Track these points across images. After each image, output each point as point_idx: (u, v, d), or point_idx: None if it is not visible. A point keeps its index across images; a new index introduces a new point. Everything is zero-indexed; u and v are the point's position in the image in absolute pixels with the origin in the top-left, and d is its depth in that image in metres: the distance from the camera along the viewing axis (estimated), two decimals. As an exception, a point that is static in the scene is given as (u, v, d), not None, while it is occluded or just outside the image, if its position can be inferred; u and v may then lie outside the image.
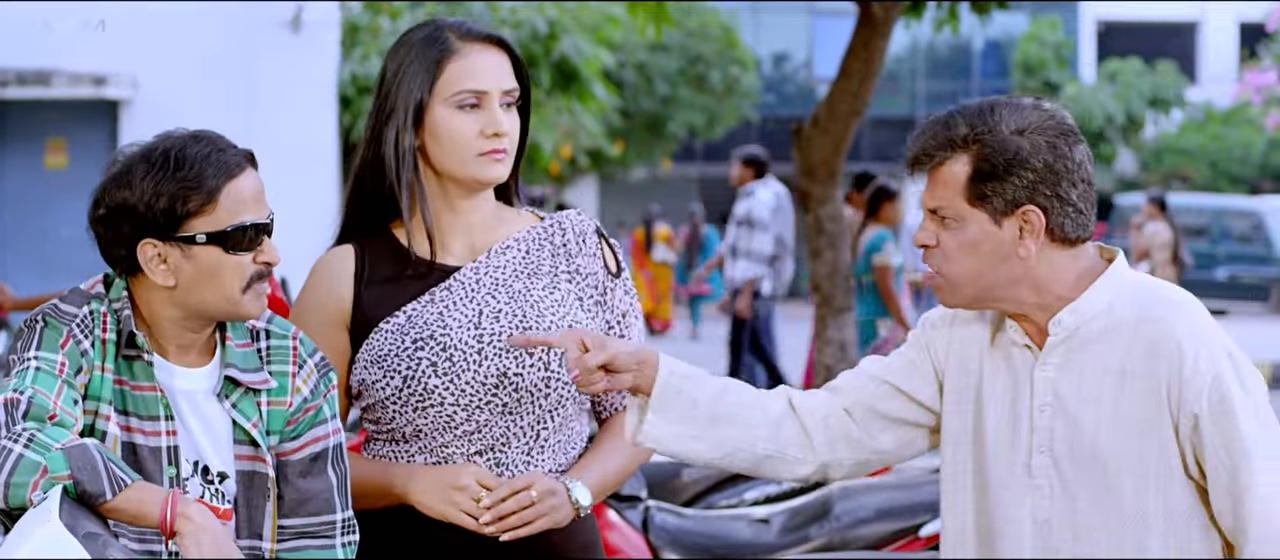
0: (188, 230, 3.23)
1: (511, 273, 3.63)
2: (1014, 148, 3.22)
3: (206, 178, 3.23)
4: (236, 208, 3.24)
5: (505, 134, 3.59)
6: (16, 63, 17.71)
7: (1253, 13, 37.34)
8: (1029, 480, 3.31)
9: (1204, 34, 44.77)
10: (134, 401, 3.26)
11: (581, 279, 3.66)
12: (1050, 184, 3.23)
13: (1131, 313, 3.26)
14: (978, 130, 3.25)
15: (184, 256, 3.24)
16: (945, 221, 3.28)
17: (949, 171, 3.27)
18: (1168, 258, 18.70)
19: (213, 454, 3.30)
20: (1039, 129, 3.24)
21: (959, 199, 3.26)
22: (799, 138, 9.79)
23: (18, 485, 3.00)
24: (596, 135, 30.08)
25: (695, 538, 6.12)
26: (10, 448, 3.02)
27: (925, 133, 3.31)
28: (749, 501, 6.90)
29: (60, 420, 3.10)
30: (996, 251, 3.25)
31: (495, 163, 3.59)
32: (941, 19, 10.49)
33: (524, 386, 3.57)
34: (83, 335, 3.22)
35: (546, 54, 21.22)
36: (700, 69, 35.04)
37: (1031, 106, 3.28)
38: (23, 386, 3.11)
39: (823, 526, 6.10)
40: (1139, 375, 3.24)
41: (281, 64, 17.74)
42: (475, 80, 3.58)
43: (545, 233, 3.68)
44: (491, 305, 3.59)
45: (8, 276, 16.36)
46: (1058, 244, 3.27)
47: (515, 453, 3.60)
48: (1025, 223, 3.24)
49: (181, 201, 3.21)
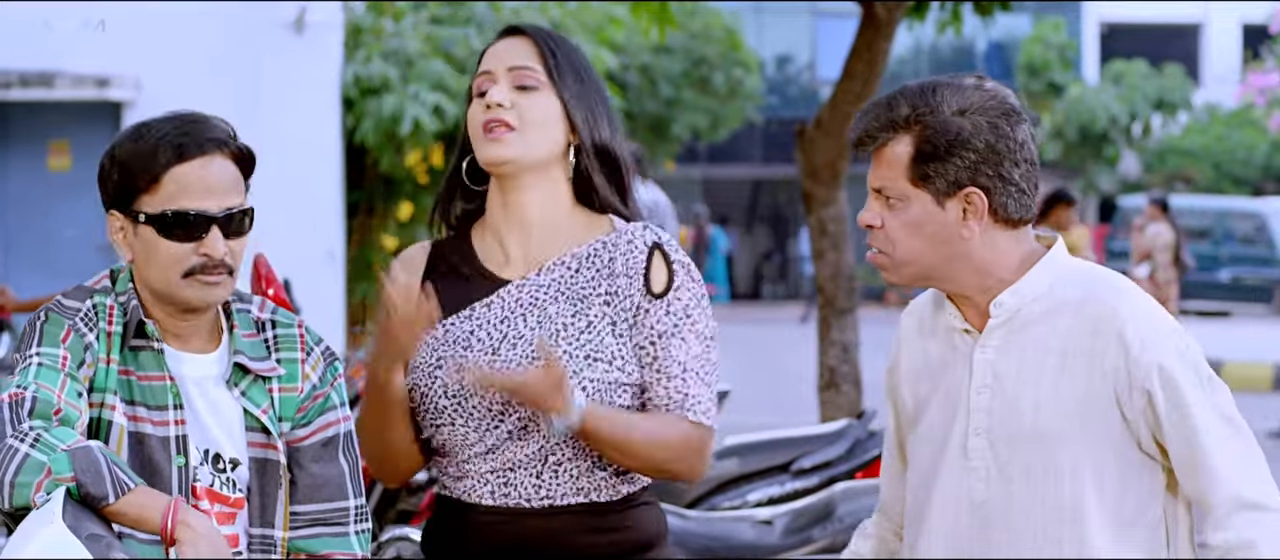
0: (137, 206, 3.25)
1: (553, 293, 3.52)
2: (955, 128, 3.23)
3: (155, 157, 3.23)
4: (177, 193, 3.23)
5: (501, 106, 3.50)
6: (19, 64, 17.72)
7: (1256, 14, 37.32)
8: (965, 462, 3.31)
9: (1207, 36, 44.75)
10: (141, 391, 3.25)
11: (618, 301, 3.51)
12: (992, 165, 3.23)
13: (1075, 294, 3.27)
14: (919, 111, 3.26)
15: (135, 232, 3.27)
16: (889, 202, 3.29)
17: (892, 152, 3.28)
18: (1169, 259, 18.71)
19: (225, 441, 3.29)
20: (980, 109, 3.25)
21: (902, 179, 3.27)
22: (802, 139, 9.78)
23: (22, 486, 3.00)
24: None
25: (699, 539, 6.11)
26: (16, 447, 3.02)
27: (869, 113, 3.32)
28: (752, 503, 6.90)
29: (65, 415, 3.10)
30: (939, 232, 3.26)
31: (491, 141, 3.50)
32: (944, 20, 10.48)
33: (527, 416, 3.48)
34: (87, 328, 3.22)
35: (549, 55, 21.22)
36: (704, 71, 35.04)
37: (973, 86, 3.29)
38: (26, 382, 3.12)
39: (826, 528, 6.10)
40: (1080, 354, 3.24)
41: (284, 65, 17.73)
42: (485, 63, 3.57)
43: (601, 248, 3.54)
44: (517, 330, 3.50)
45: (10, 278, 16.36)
46: (1001, 225, 3.27)
47: (524, 475, 3.50)
48: (968, 204, 3.25)
49: (131, 176, 3.24)
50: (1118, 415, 3.23)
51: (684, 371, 3.52)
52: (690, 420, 3.52)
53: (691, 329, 3.53)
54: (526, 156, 3.52)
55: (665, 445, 3.50)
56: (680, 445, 3.52)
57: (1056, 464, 3.25)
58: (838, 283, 9.76)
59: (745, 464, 7.07)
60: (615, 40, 23.65)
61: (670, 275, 3.52)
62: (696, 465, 3.56)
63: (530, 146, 3.52)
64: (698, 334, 3.54)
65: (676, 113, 35.40)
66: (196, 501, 3.25)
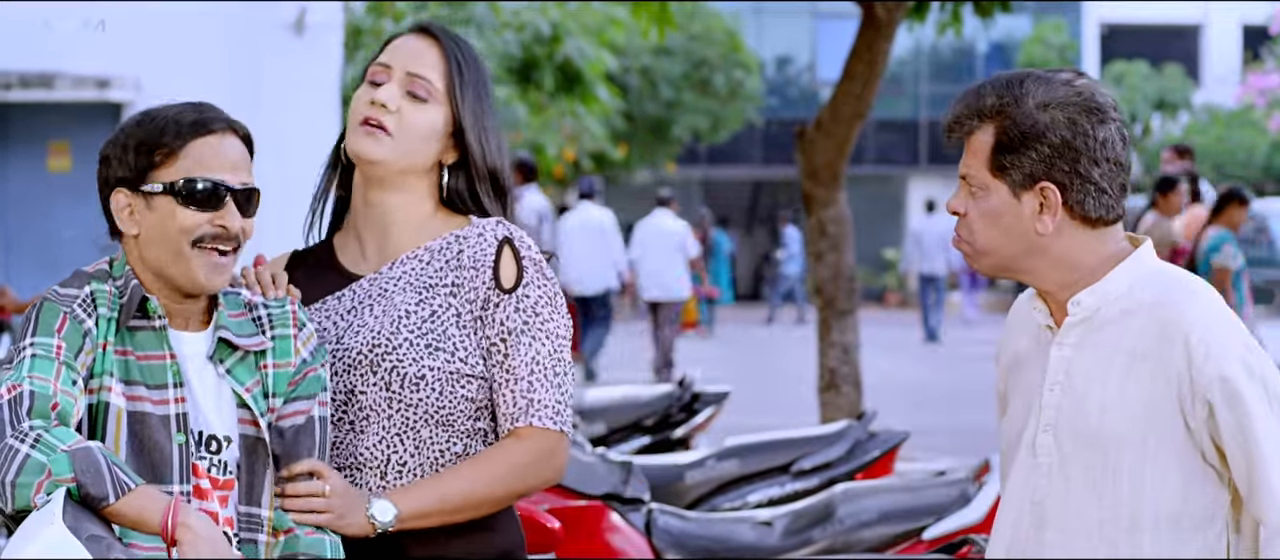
0: (151, 181, 3.27)
1: (403, 285, 3.51)
2: (1033, 121, 3.22)
3: (172, 131, 3.28)
4: (195, 165, 3.27)
5: (386, 107, 3.47)
6: (19, 65, 17.72)
7: (1256, 15, 37.32)
8: (1033, 459, 3.31)
9: (1207, 36, 44.76)
10: (140, 371, 3.26)
11: (463, 292, 3.48)
12: (1068, 161, 3.22)
13: (1149, 296, 3.24)
14: (1004, 101, 3.25)
15: (146, 207, 3.28)
16: (973, 190, 3.29)
17: (977, 140, 3.28)
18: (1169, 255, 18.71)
19: (217, 421, 3.29)
20: (1062, 104, 3.23)
21: (984, 169, 3.27)
22: (802, 140, 9.78)
23: (22, 487, 3.00)
24: (600, 138, 30.08)
25: (699, 540, 6.11)
26: (17, 448, 3.02)
27: (961, 101, 3.33)
28: (752, 504, 6.90)
29: (62, 410, 3.10)
30: (1016, 225, 3.25)
31: (366, 135, 3.49)
32: (945, 21, 10.49)
33: (367, 405, 3.45)
34: (85, 314, 3.23)
35: (549, 56, 21.22)
36: (704, 73, 35.05)
37: (1062, 82, 3.27)
38: (20, 377, 3.12)
39: (826, 529, 6.10)
40: (1149, 358, 3.21)
41: (285, 66, 17.74)
42: (386, 55, 3.55)
43: (453, 241, 3.53)
44: (362, 319, 3.50)
45: (11, 279, 16.35)
46: (1080, 223, 3.25)
47: (368, 475, 3.47)
48: (1043, 198, 3.23)
49: (147, 151, 3.27)
50: (1181, 423, 3.20)
51: (531, 374, 3.48)
52: (535, 426, 3.49)
53: (541, 328, 3.50)
54: (396, 163, 3.51)
55: (511, 476, 3.47)
56: (528, 467, 3.49)
57: (1117, 466, 3.22)
58: (838, 284, 9.76)
59: (745, 465, 7.07)
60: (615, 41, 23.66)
61: (519, 271, 3.50)
62: (550, 473, 3.53)
63: (402, 155, 3.51)
64: (548, 333, 3.50)
65: (677, 115, 35.40)
66: (197, 480, 3.25)
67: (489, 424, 3.54)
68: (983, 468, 6.31)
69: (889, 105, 42.96)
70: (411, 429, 3.47)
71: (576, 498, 6.22)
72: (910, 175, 43.89)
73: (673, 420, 8.37)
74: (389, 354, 3.45)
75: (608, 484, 6.26)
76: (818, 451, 7.06)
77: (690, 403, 8.39)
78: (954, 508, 6.14)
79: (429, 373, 3.44)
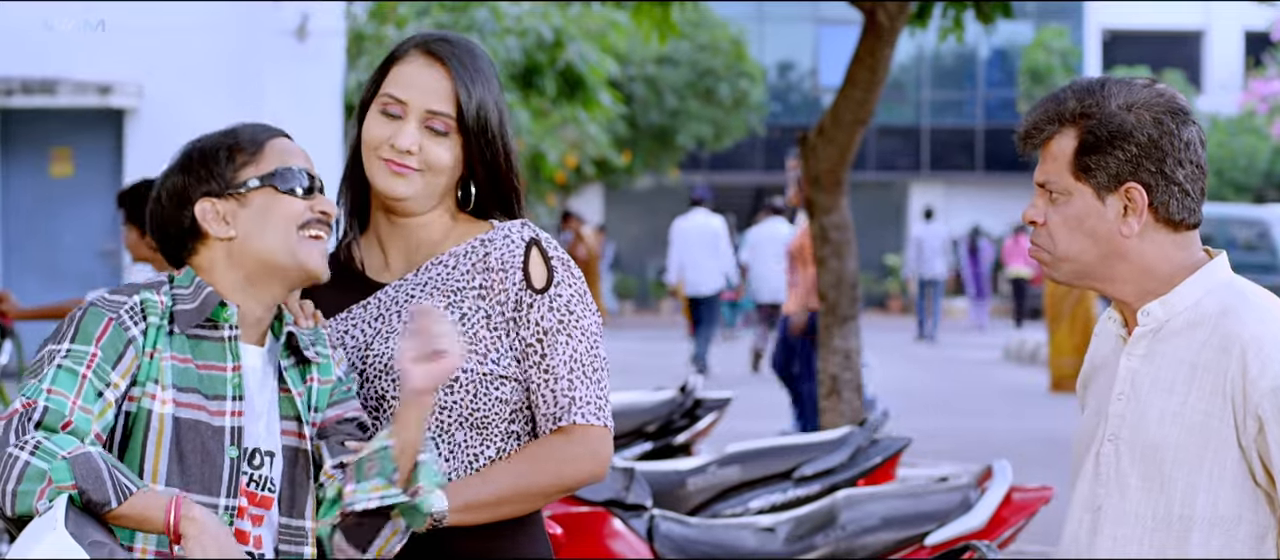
0: (239, 179, 3.32)
1: (429, 290, 3.53)
2: (1119, 121, 3.21)
3: (249, 135, 3.36)
4: (283, 157, 3.35)
5: (410, 152, 3.49)
6: (21, 71, 17.73)
7: (1257, 21, 37.32)
8: (1096, 468, 3.30)
9: (1209, 42, 44.77)
10: (200, 380, 3.25)
11: (492, 295, 3.49)
12: (1155, 161, 3.21)
13: (1215, 307, 3.23)
14: (1086, 104, 3.24)
15: (239, 204, 3.31)
16: (1053, 197, 3.27)
17: (1057, 146, 3.26)
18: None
19: (264, 435, 3.30)
20: (1146, 105, 3.23)
21: (1065, 173, 3.25)
22: (804, 146, 9.78)
23: (23, 493, 3.00)
24: (602, 145, 30.10)
25: (701, 546, 6.11)
26: (16, 456, 3.02)
27: (1037, 109, 3.30)
28: (755, 510, 6.89)
29: (75, 427, 3.09)
30: (1099, 228, 3.24)
31: (394, 176, 3.50)
32: (947, 27, 10.49)
33: None
34: (132, 322, 3.22)
35: (551, 62, 21.22)
36: (709, 83, 35.10)
37: (1142, 85, 3.27)
38: (38, 392, 3.11)
39: (828, 535, 6.09)
40: (1209, 370, 3.20)
41: (287, 72, 17.75)
42: (401, 88, 3.52)
43: (478, 245, 3.54)
44: (391, 325, 3.51)
45: (13, 285, 16.36)
46: (1163, 225, 3.24)
47: None
48: (1128, 200, 3.22)
49: (229, 154, 3.32)
50: (1235, 439, 3.18)
51: (570, 372, 3.50)
52: (578, 423, 3.51)
53: (576, 326, 3.51)
54: (424, 196, 3.54)
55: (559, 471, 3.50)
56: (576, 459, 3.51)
57: (1171, 477, 3.21)
58: (841, 290, 9.75)
59: (747, 471, 7.06)
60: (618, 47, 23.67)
61: (549, 271, 3.51)
62: (596, 468, 3.54)
63: (429, 188, 3.53)
64: (583, 331, 3.52)
65: (681, 123, 35.44)
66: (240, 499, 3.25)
67: (523, 426, 3.55)
68: (985, 473, 6.31)
69: (891, 111, 42.99)
70: (445, 432, 3.48)
71: (578, 504, 6.22)
72: (912, 181, 43.90)
73: (675, 426, 8.37)
74: None
75: (610, 490, 6.26)
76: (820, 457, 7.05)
77: (692, 408, 8.39)
78: (956, 514, 6.13)
79: (462, 375, 3.45)
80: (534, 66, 21.23)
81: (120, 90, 17.82)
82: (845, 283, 9.77)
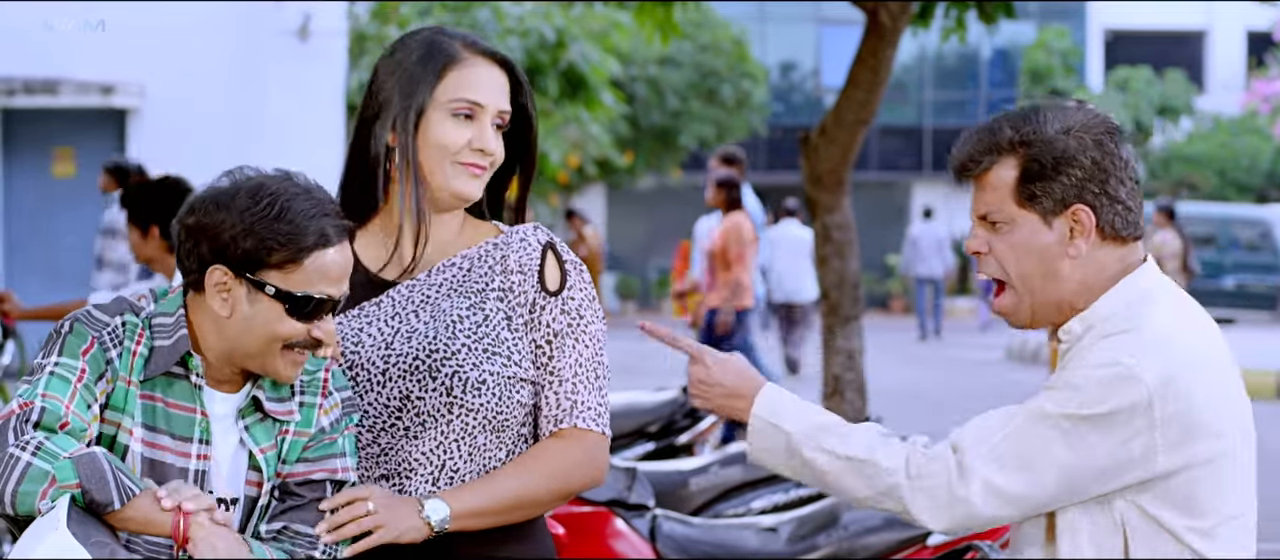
0: (261, 277, 3.22)
1: (446, 290, 3.54)
2: (1061, 147, 3.23)
3: (301, 239, 3.21)
4: (315, 278, 3.23)
5: (490, 152, 3.53)
6: (23, 71, 17.74)
7: (1260, 21, 37.33)
8: None
9: (1211, 42, 44.77)
10: (166, 418, 3.23)
11: (511, 297, 3.52)
12: (1098, 182, 3.24)
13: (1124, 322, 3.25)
14: (1023, 133, 3.26)
15: (247, 297, 3.23)
16: (996, 226, 3.30)
17: (996, 176, 3.28)
18: (1178, 266, 18.73)
19: (227, 483, 3.28)
20: (1084, 127, 3.25)
21: (1008, 202, 3.27)
22: (806, 147, 9.78)
23: (25, 493, 3.00)
24: (604, 145, 30.11)
25: (703, 547, 6.11)
26: (17, 456, 3.02)
27: (970, 140, 3.32)
28: (757, 510, 6.89)
29: (72, 428, 3.09)
30: (1047, 251, 3.27)
31: (472, 177, 3.53)
32: (949, 28, 10.49)
33: (425, 411, 3.46)
34: (112, 344, 3.20)
35: (554, 62, 21.23)
36: (712, 84, 35.11)
37: (1075, 107, 3.30)
38: (33, 395, 3.11)
39: (831, 535, 6.09)
40: None
41: (289, 73, 17.76)
42: (475, 91, 3.54)
43: (493, 248, 3.56)
44: (411, 324, 3.51)
45: (15, 285, 16.37)
46: (1109, 242, 3.27)
47: (419, 480, 3.48)
48: (1075, 222, 3.25)
49: (268, 251, 3.20)
50: None
51: (574, 376, 3.52)
52: (578, 427, 3.53)
53: (584, 331, 3.55)
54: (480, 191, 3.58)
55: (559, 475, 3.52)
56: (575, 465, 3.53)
57: None
58: (843, 290, 9.75)
59: (750, 471, 7.06)
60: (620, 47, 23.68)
61: (563, 274, 3.55)
62: (594, 474, 3.56)
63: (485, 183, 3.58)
64: (590, 336, 3.55)
65: (683, 123, 35.45)
66: None
67: (531, 429, 3.57)
68: (987, 474, 6.30)
69: (893, 111, 42.98)
70: (468, 435, 3.48)
71: (580, 504, 6.22)
72: (914, 181, 43.90)
73: (677, 426, 8.37)
74: (449, 359, 3.45)
75: (612, 490, 6.26)
76: (822, 458, 7.05)
77: (694, 409, 8.39)
78: (958, 514, 6.13)
79: (490, 377, 3.46)
80: (536, 67, 21.24)
81: (123, 90, 17.83)
82: (847, 283, 9.76)
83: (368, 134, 3.57)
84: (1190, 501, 3.18)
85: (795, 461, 3.39)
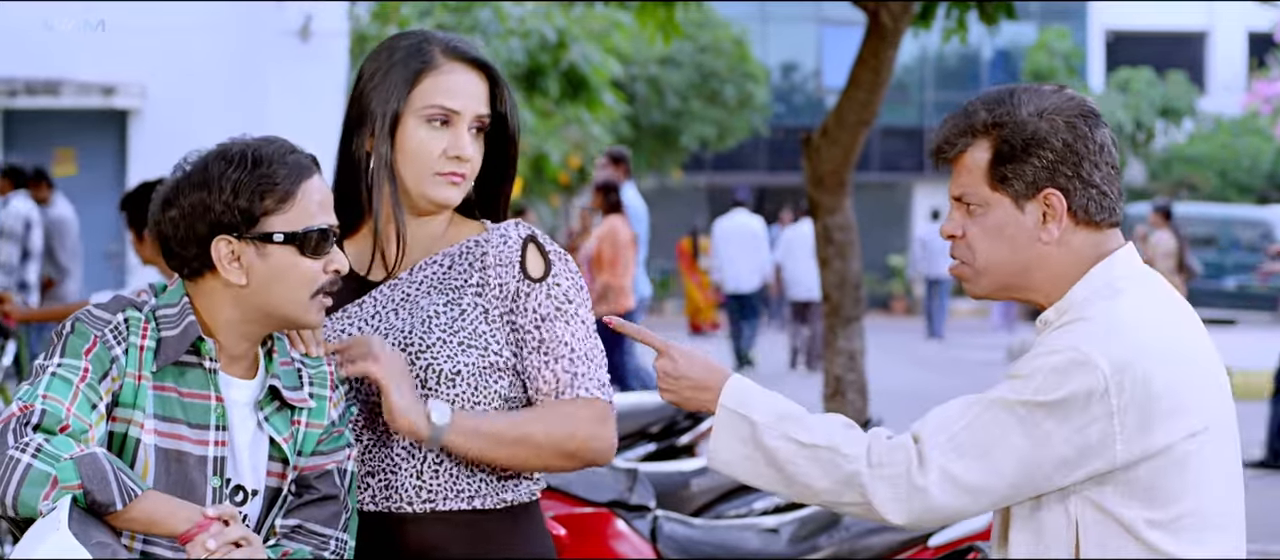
0: (265, 228, 3.23)
1: (426, 289, 3.54)
2: (1032, 129, 3.22)
3: (283, 175, 3.24)
4: (313, 209, 3.26)
5: (467, 160, 3.52)
6: (25, 72, 17.74)
7: (1261, 22, 37.32)
8: None
9: (1212, 43, 44.76)
10: (183, 408, 3.23)
11: (489, 291, 3.50)
12: (1070, 165, 3.22)
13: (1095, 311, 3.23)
14: (997, 114, 3.25)
15: (259, 255, 3.24)
16: (970, 209, 3.29)
17: (971, 158, 3.27)
18: (1173, 266, 18.72)
19: (248, 472, 3.28)
20: (1058, 110, 3.24)
21: (981, 184, 3.26)
22: (808, 147, 9.78)
23: (27, 496, 2.99)
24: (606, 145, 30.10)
25: (704, 547, 6.11)
26: (17, 458, 3.01)
27: (947, 123, 3.32)
28: (758, 511, 6.89)
29: (72, 430, 3.09)
30: (1019, 236, 3.25)
31: (451, 186, 3.51)
32: (950, 28, 10.50)
33: None
34: (115, 341, 3.20)
35: (555, 63, 21.23)
36: (713, 85, 35.10)
37: (1051, 91, 3.28)
38: (34, 397, 3.11)
39: (832, 536, 6.09)
40: None
41: (290, 73, 17.76)
42: (449, 97, 3.52)
43: (474, 246, 3.55)
44: (390, 323, 3.51)
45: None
46: (1084, 227, 3.25)
47: (405, 478, 3.48)
48: (1047, 206, 3.23)
49: (260, 198, 3.22)
50: None
51: (572, 353, 3.50)
52: (583, 396, 3.51)
53: (574, 314, 3.53)
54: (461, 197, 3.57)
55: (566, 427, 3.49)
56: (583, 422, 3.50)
57: None
58: (844, 291, 9.75)
59: (751, 472, 7.06)
60: (620, 48, 23.68)
61: (547, 263, 3.53)
62: (602, 443, 3.53)
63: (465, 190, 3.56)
64: (581, 319, 3.53)
65: (684, 124, 35.44)
66: None
67: None
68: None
69: (894, 112, 42.97)
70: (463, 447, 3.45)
71: (582, 505, 6.22)
72: (916, 182, 43.90)
73: (678, 427, 8.37)
74: (423, 353, 3.45)
75: (613, 491, 6.26)
76: (823, 458, 7.05)
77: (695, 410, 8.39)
78: (960, 515, 6.13)
79: (464, 369, 3.45)
80: (537, 67, 21.25)
81: (124, 91, 17.84)
82: (849, 283, 9.77)
83: (350, 140, 3.58)
84: (1151, 492, 3.14)
85: (758, 453, 3.35)
